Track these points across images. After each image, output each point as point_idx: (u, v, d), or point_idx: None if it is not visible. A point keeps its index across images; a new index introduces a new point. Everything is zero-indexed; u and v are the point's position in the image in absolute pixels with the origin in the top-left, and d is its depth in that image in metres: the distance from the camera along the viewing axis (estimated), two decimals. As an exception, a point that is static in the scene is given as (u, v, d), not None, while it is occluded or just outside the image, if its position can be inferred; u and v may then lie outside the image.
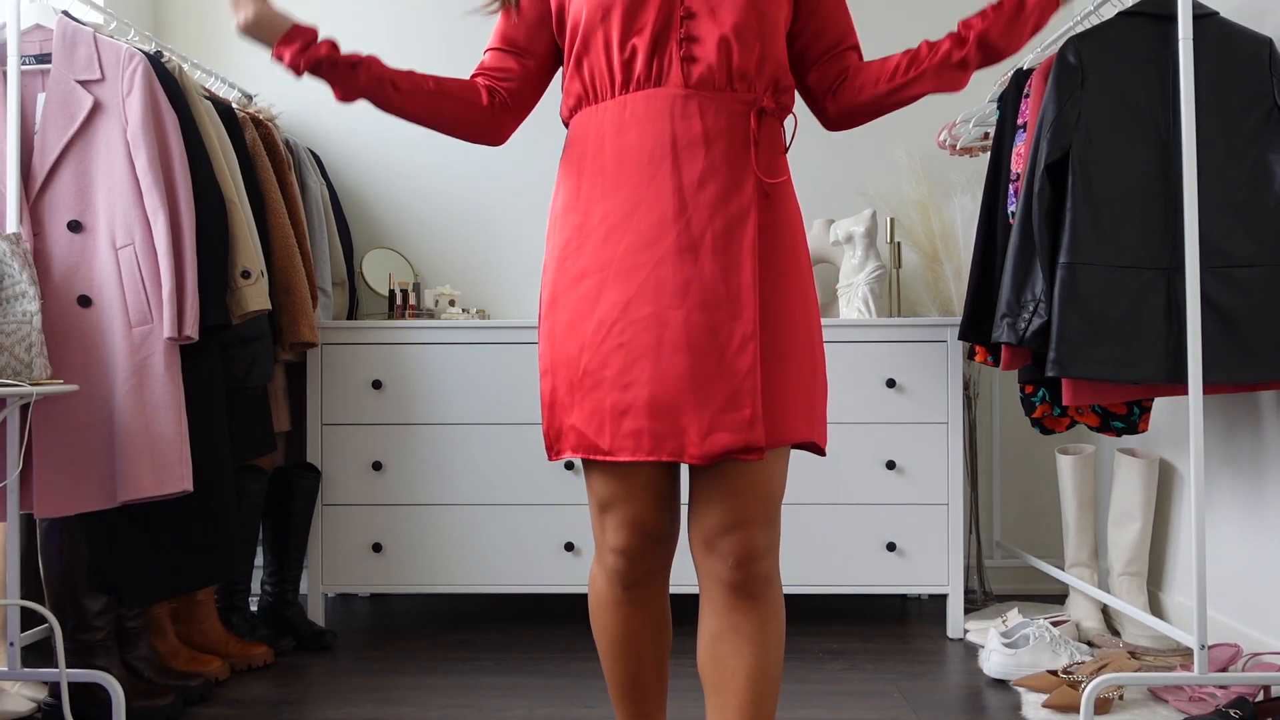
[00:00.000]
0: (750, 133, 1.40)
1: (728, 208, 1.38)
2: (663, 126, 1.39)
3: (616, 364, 1.37)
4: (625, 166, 1.41)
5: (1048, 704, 2.34)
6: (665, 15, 1.40)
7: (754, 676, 1.39)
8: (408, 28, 3.61)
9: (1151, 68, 2.33)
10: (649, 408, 1.35)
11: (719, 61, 1.40)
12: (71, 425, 2.20)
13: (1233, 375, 2.25)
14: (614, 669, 1.57)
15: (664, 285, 1.36)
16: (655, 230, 1.38)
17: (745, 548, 1.37)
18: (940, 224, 3.26)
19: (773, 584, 1.41)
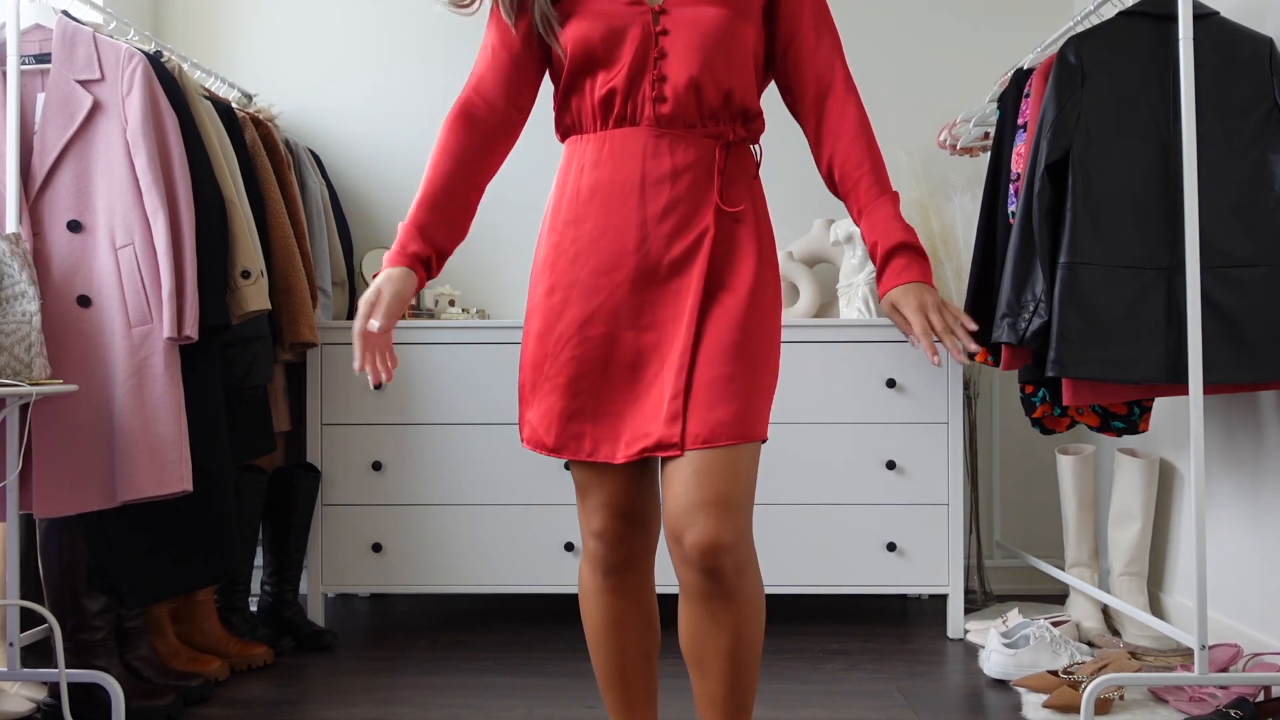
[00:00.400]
0: (715, 165, 1.51)
1: (685, 237, 1.49)
2: (634, 163, 1.50)
3: (568, 374, 1.50)
4: (596, 197, 1.52)
5: (1048, 704, 2.34)
6: (640, 57, 1.49)
7: (732, 653, 1.46)
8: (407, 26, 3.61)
9: (1152, 68, 2.32)
10: (592, 415, 1.50)
11: (688, 101, 1.49)
12: (71, 425, 2.20)
13: (1233, 375, 2.24)
14: (599, 658, 1.63)
15: (619, 308, 1.49)
16: (617, 258, 1.50)
17: (709, 541, 1.42)
18: (940, 224, 3.26)
19: (744, 574, 1.46)
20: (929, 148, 3.42)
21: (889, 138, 3.46)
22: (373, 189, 3.60)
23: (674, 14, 1.49)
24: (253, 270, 2.48)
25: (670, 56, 1.48)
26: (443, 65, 3.59)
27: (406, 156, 3.59)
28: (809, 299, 3.24)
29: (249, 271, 2.47)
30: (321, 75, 3.60)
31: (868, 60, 3.57)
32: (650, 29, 1.49)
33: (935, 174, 3.39)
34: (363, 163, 3.60)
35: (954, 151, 3.30)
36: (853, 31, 3.56)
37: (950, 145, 3.28)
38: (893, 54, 3.55)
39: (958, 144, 3.25)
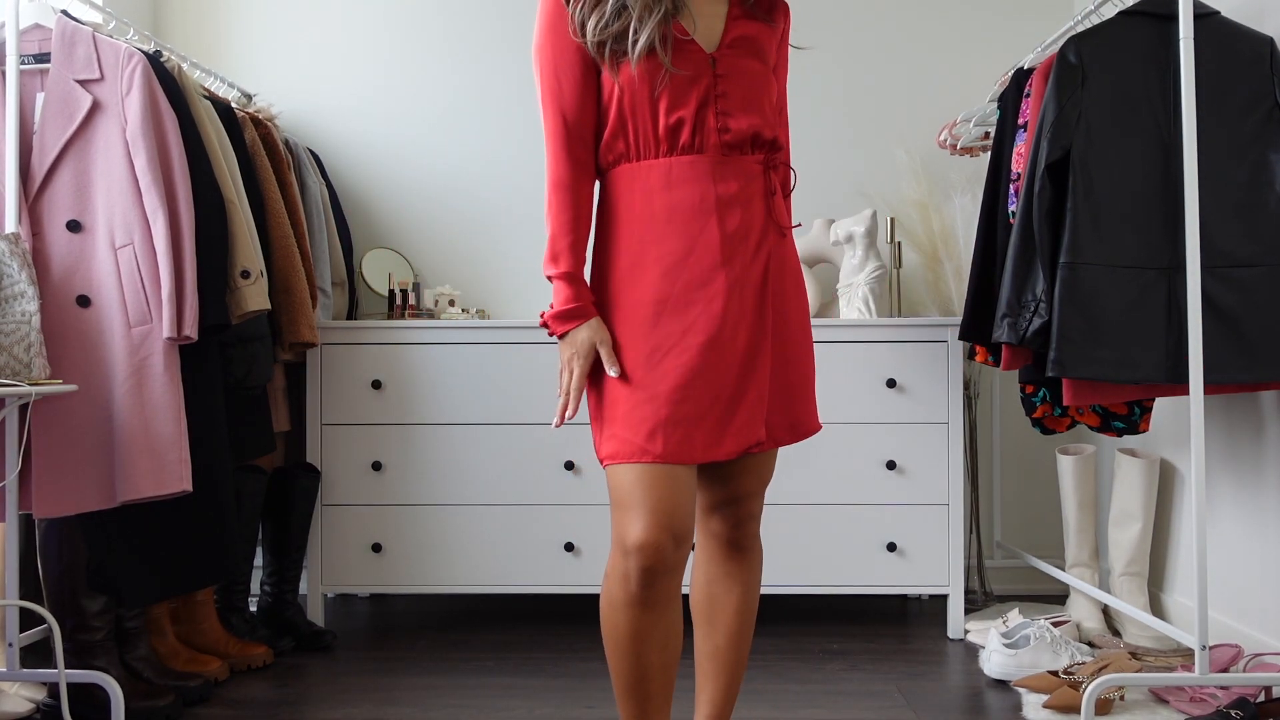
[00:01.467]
0: (767, 188, 1.70)
1: (760, 251, 1.68)
2: (707, 188, 1.65)
3: (670, 382, 1.60)
4: (676, 217, 1.65)
5: (1048, 704, 2.34)
6: (704, 91, 1.65)
7: (741, 610, 1.76)
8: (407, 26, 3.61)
9: (1152, 67, 2.32)
10: (695, 419, 1.60)
11: (746, 133, 1.67)
12: (70, 425, 2.20)
13: (1233, 375, 2.24)
14: (620, 668, 1.64)
15: (717, 319, 1.62)
16: (706, 273, 1.63)
17: (746, 512, 1.74)
18: (940, 224, 3.26)
19: (758, 540, 1.79)
20: (929, 148, 3.42)
21: (889, 138, 3.49)
22: (373, 189, 3.60)
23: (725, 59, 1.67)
24: (252, 270, 2.48)
25: (729, 96, 1.66)
26: (444, 65, 3.59)
27: (406, 156, 3.59)
28: (809, 299, 3.23)
29: (249, 271, 2.47)
30: (321, 75, 3.60)
31: (868, 60, 3.57)
32: (706, 70, 1.65)
33: (935, 174, 3.38)
34: (363, 163, 3.60)
35: (954, 151, 3.30)
36: (853, 31, 3.57)
37: (950, 145, 3.28)
38: (893, 54, 3.55)
39: (958, 144, 3.25)
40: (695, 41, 1.65)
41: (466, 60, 3.58)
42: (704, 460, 1.61)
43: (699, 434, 1.60)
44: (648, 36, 1.60)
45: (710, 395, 1.60)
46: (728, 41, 1.68)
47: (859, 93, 3.55)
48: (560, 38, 1.66)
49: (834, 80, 3.53)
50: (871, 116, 3.55)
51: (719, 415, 1.61)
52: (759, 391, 1.64)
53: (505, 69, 3.55)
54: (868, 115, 3.54)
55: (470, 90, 3.58)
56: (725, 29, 1.69)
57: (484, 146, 3.57)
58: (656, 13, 1.61)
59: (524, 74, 3.56)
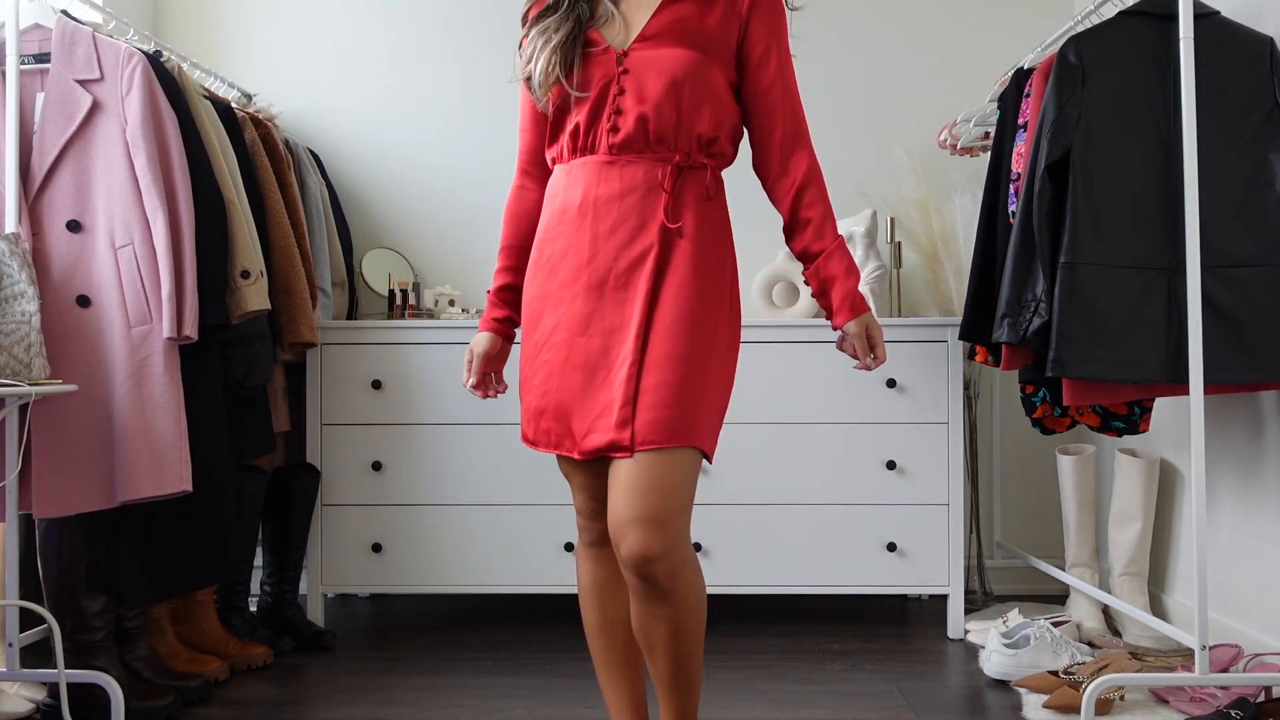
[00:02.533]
0: (662, 186, 1.66)
1: (631, 251, 1.66)
2: (590, 187, 1.69)
3: (541, 375, 1.70)
4: (564, 218, 1.71)
5: (1048, 705, 2.34)
6: (602, 95, 1.69)
7: (672, 644, 1.63)
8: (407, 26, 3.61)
9: (1152, 67, 2.32)
10: (553, 412, 1.68)
11: (636, 130, 1.67)
12: (70, 425, 2.20)
13: (1233, 375, 2.24)
14: (585, 618, 1.81)
15: (575, 316, 1.67)
16: (575, 272, 1.69)
17: (641, 552, 1.57)
18: (940, 224, 3.26)
19: (678, 578, 1.59)
20: (929, 148, 3.42)
21: (889, 138, 3.49)
22: (373, 189, 3.60)
23: (633, 56, 1.69)
24: (252, 270, 2.48)
25: (627, 92, 1.67)
26: (443, 65, 3.59)
27: (406, 156, 3.59)
28: (809, 299, 3.24)
29: (249, 271, 2.47)
30: (321, 75, 3.60)
31: (868, 60, 3.57)
32: (613, 70, 1.69)
33: (935, 174, 3.38)
34: (363, 163, 3.60)
35: (954, 151, 3.30)
36: (853, 31, 3.57)
37: (950, 145, 3.28)
38: (893, 54, 3.55)
39: (958, 144, 3.25)
40: (607, 48, 1.69)
41: (467, 60, 3.58)
42: (565, 453, 1.68)
43: (560, 427, 1.68)
44: (545, 73, 1.70)
45: (568, 392, 1.66)
46: (647, 33, 1.69)
47: (859, 93, 3.55)
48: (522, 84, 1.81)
49: (834, 80, 3.52)
50: (871, 116, 3.54)
51: (566, 412, 1.67)
52: (605, 395, 1.62)
53: (506, 69, 3.53)
54: (868, 115, 3.54)
55: (471, 90, 3.58)
56: (651, 18, 1.69)
57: (484, 146, 3.57)
58: (555, 43, 1.69)
59: (524, 74, 3.57)
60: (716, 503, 2.96)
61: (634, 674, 1.81)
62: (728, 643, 2.90)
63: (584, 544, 1.81)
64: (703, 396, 1.63)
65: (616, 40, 1.70)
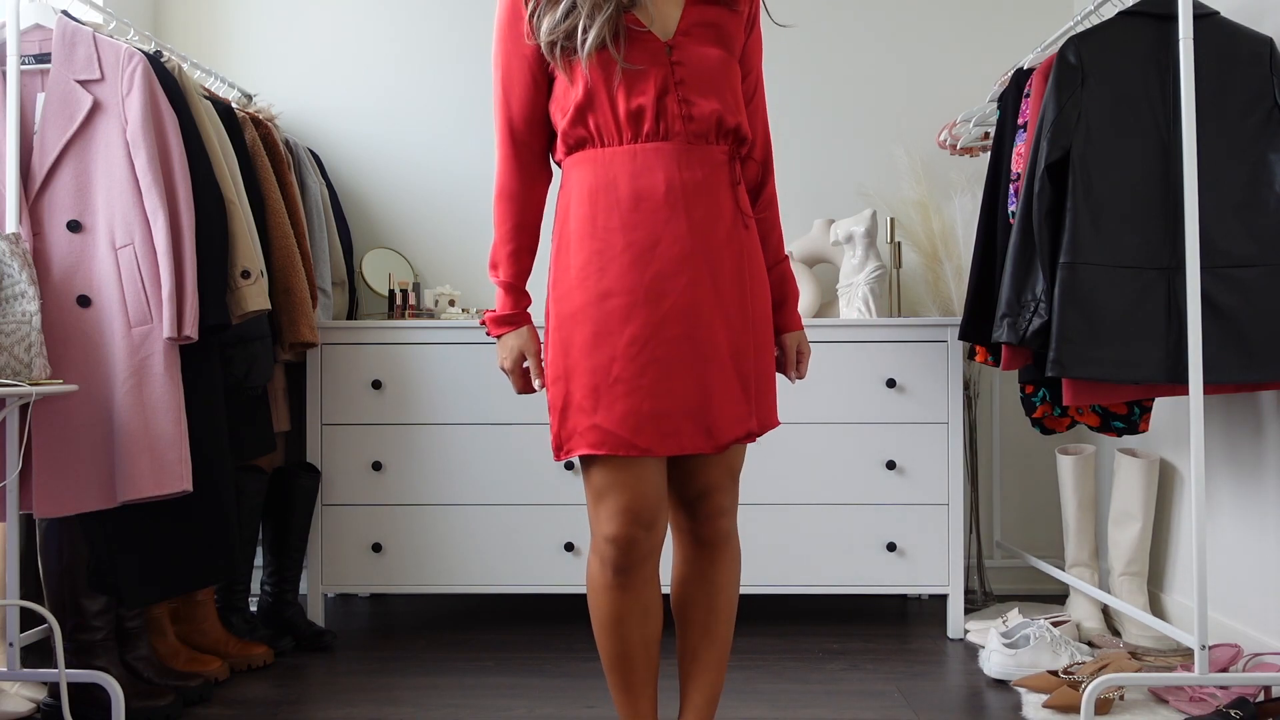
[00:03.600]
0: (731, 178, 1.70)
1: (730, 240, 1.68)
2: (673, 174, 1.64)
3: (652, 375, 1.60)
4: (642, 205, 1.64)
5: (1048, 704, 2.34)
6: (663, 81, 1.65)
7: (716, 611, 1.73)
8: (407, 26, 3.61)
9: (1152, 67, 2.32)
10: (682, 413, 1.61)
11: (709, 120, 1.66)
12: (71, 425, 2.20)
13: (1233, 375, 2.24)
14: (604, 646, 1.74)
15: (689, 309, 1.62)
16: (678, 263, 1.63)
17: (714, 506, 1.71)
18: (940, 224, 3.26)
19: (731, 537, 1.75)
20: (929, 148, 3.42)
21: (889, 138, 3.49)
22: (373, 189, 3.60)
23: (681, 46, 1.67)
24: (253, 270, 2.48)
25: (688, 84, 1.65)
26: (444, 65, 3.59)
27: (407, 156, 3.59)
28: (809, 299, 3.24)
29: (249, 271, 2.47)
30: (321, 75, 3.60)
31: (868, 60, 3.57)
32: (664, 59, 1.65)
33: (935, 174, 3.39)
34: (363, 163, 3.60)
35: (954, 151, 3.30)
36: (853, 31, 3.57)
37: (950, 145, 3.28)
38: (893, 54, 3.55)
39: (958, 144, 3.25)
40: (651, 32, 1.65)
41: (468, 60, 3.59)
42: (689, 452, 1.64)
43: (685, 426, 1.61)
44: (597, 32, 1.60)
45: (689, 389, 1.61)
46: (683, 28, 1.67)
47: (859, 93, 3.55)
48: (511, 44, 1.69)
49: (834, 80, 3.53)
50: (871, 116, 3.54)
51: (699, 409, 1.62)
52: (734, 386, 1.65)
53: (505, 69, 3.55)
54: (868, 115, 3.54)
55: (471, 90, 3.58)
56: (682, 15, 1.68)
57: (485, 146, 3.57)
58: (606, 9, 1.61)
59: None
60: (716, 503, 2.96)
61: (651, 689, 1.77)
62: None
63: (611, 572, 1.67)
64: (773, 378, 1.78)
65: (657, 28, 1.67)
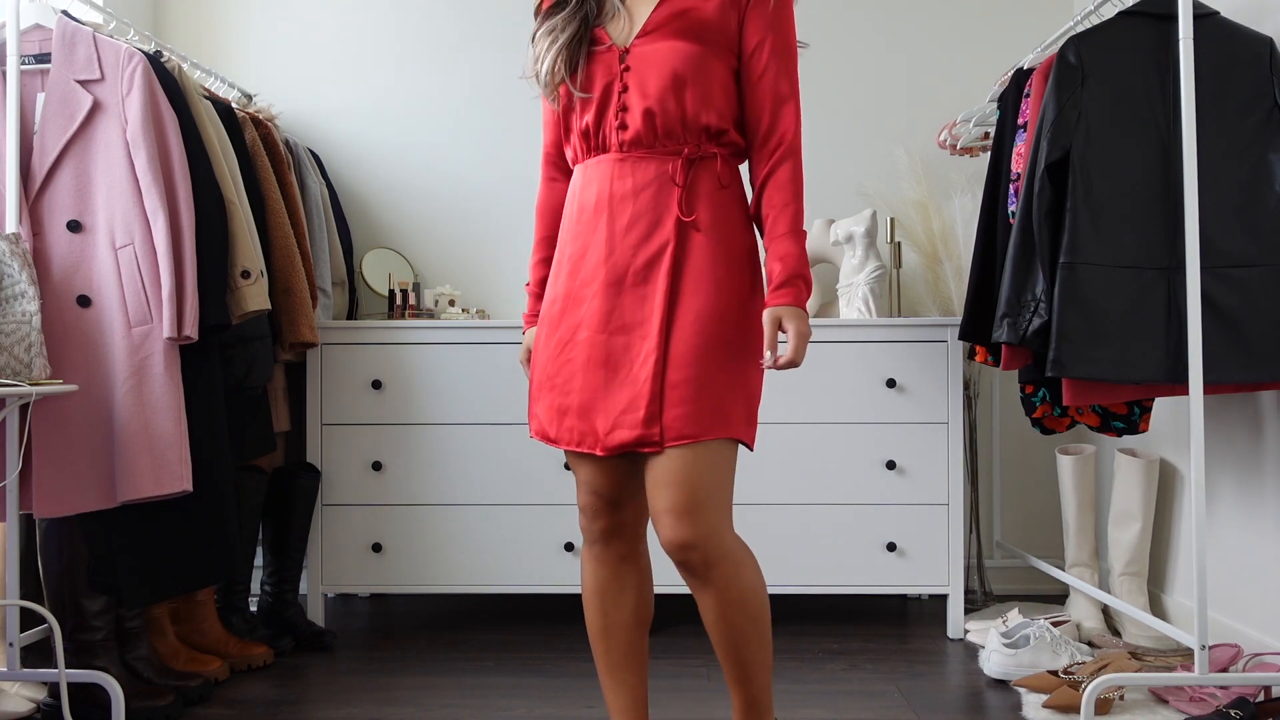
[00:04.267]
0: (675, 180, 1.67)
1: (648, 246, 1.67)
2: (604, 186, 1.71)
3: (564, 374, 1.71)
4: (582, 218, 1.73)
5: (1048, 704, 2.34)
6: (605, 94, 1.70)
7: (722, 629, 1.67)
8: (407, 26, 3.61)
9: (1152, 67, 2.32)
10: (576, 410, 1.69)
11: (644, 127, 1.68)
12: (71, 425, 2.20)
13: (1233, 375, 2.24)
14: (586, 618, 1.82)
15: (595, 314, 1.69)
16: (593, 270, 1.70)
17: (675, 539, 1.62)
18: (940, 224, 3.26)
19: (717, 565, 1.64)
20: (929, 148, 3.42)
21: (889, 138, 3.49)
22: (373, 189, 3.60)
23: (635, 51, 1.69)
24: (253, 270, 2.48)
25: (631, 89, 1.68)
26: (444, 65, 3.59)
27: (407, 157, 3.59)
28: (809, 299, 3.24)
29: (249, 271, 2.47)
30: (321, 75, 3.60)
31: (868, 60, 3.57)
32: (615, 68, 1.70)
33: (935, 174, 3.39)
34: (363, 163, 3.60)
35: (954, 151, 3.30)
36: (853, 31, 3.58)
37: (950, 145, 3.28)
38: (893, 54, 3.55)
39: (958, 144, 3.25)
40: (611, 46, 1.70)
41: (468, 60, 3.59)
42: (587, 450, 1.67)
43: (583, 424, 1.67)
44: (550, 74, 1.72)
45: (585, 391, 1.67)
46: (647, 27, 1.69)
47: (859, 93, 3.55)
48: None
49: (834, 80, 3.53)
50: (871, 116, 3.55)
51: (587, 410, 1.67)
52: (623, 393, 1.63)
53: (505, 69, 3.55)
54: (868, 115, 3.54)
55: (472, 90, 3.58)
56: (653, 11, 1.69)
57: (485, 146, 3.57)
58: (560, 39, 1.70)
59: (524, 74, 3.57)
60: (716, 503, 2.96)
61: (635, 676, 1.81)
62: (728, 642, 2.90)
63: (586, 544, 1.81)
64: (731, 387, 1.64)
65: (620, 37, 1.70)
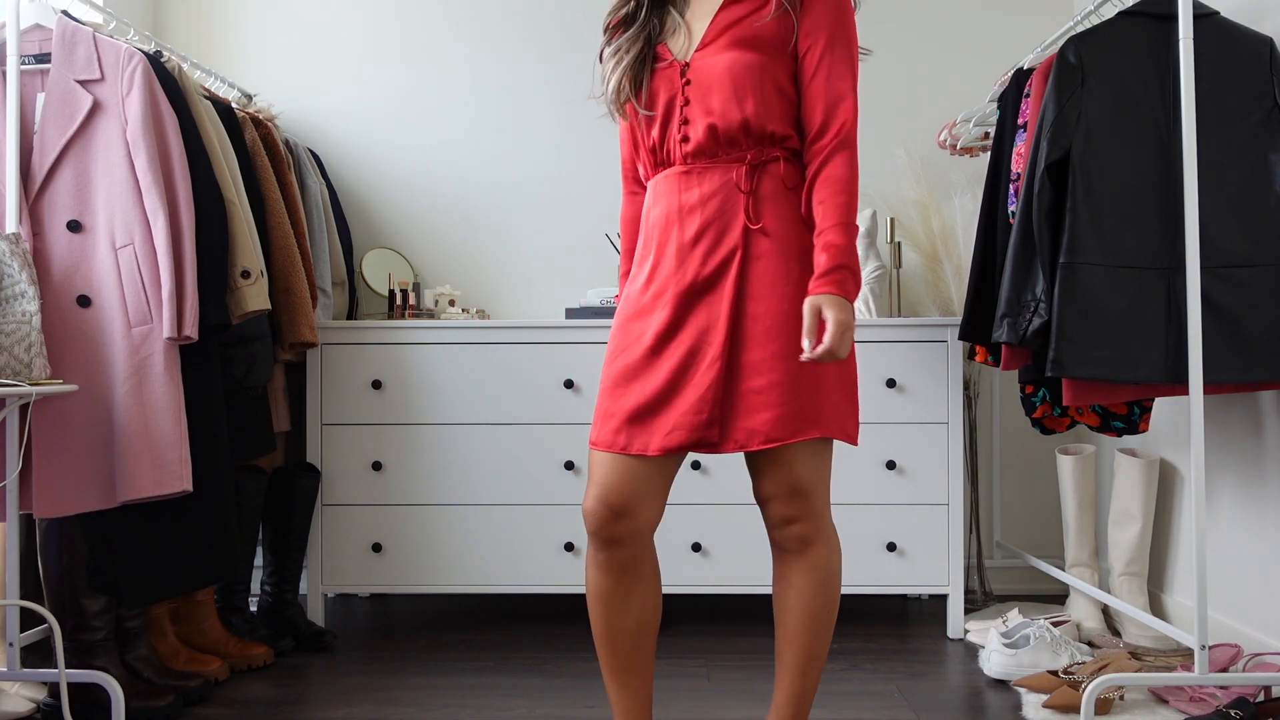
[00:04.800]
0: (741, 188, 1.71)
1: (716, 254, 1.70)
2: (672, 200, 1.75)
3: (627, 381, 1.74)
4: (653, 233, 1.78)
5: (1048, 704, 2.34)
6: (668, 109, 1.74)
7: (798, 612, 1.75)
8: (407, 26, 3.61)
9: (1152, 67, 2.32)
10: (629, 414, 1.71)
11: (706, 138, 1.71)
12: (71, 425, 2.20)
13: (1233, 375, 2.24)
14: (592, 622, 1.81)
15: (665, 323, 1.72)
16: (665, 282, 1.74)
17: (775, 516, 1.74)
18: (940, 224, 3.26)
19: (811, 544, 1.74)
20: (929, 148, 3.42)
21: (889, 138, 3.49)
22: (373, 189, 3.60)
23: (695, 65, 1.72)
24: (253, 270, 2.48)
25: (692, 102, 1.72)
26: (445, 65, 3.59)
27: (407, 157, 3.59)
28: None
29: (249, 271, 2.47)
30: (321, 75, 3.60)
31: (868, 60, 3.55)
32: (677, 83, 1.73)
33: (935, 174, 3.39)
34: (363, 163, 3.60)
35: (954, 151, 3.30)
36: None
37: (950, 145, 3.28)
38: (893, 54, 3.55)
39: (958, 144, 3.25)
40: (672, 61, 1.73)
41: (469, 60, 3.59)
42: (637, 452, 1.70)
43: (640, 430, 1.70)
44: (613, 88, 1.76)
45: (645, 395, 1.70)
46: (706, 39, 1.71)
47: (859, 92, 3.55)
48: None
49: (834, 80, 3.52)
50: (871, 116, 3.52)
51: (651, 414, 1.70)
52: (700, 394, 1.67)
53: (505, 69, 3.55)
54: (868, 115, 3.51)
55: (473, 90, 3.58)
56: (711, 24, 1.72)
57: (485, 146, 3.57)
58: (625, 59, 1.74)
59: (523, 75, 3.57)
60: (716, 502, 2.97)
61: (638, 679, 1.79)
62: (728, 643, 2.90)
63: (591, 550, 1.78)
64: (820, 387, 1.68)
65: (680, 51, 1.73)
